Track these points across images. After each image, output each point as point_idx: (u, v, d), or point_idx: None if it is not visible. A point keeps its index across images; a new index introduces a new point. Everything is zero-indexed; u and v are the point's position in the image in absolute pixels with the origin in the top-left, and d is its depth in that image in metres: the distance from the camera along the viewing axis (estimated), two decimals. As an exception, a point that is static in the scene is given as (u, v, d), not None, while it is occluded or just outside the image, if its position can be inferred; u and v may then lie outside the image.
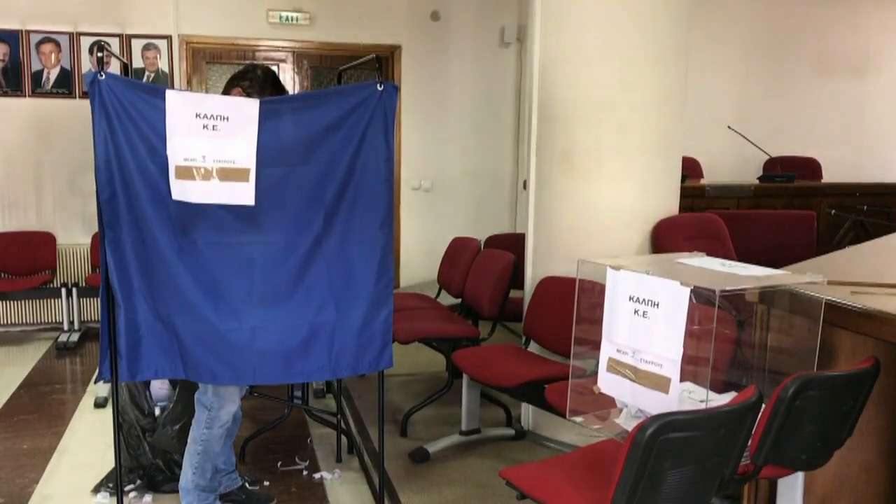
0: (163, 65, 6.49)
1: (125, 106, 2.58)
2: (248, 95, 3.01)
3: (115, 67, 5.64)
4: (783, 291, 2.38)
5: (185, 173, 2.58)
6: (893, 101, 7.75)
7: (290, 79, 6.92)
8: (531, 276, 4.14)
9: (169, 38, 6.49)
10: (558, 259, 3.92)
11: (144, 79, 6.42)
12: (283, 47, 6.86)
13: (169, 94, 2.59)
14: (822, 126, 7.56)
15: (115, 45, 6.30)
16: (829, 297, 2.31)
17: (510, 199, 7.44)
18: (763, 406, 2.05)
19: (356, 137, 2.79)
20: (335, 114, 2.77)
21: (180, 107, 2.58)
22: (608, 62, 3.79)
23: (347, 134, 2.78)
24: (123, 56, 6.26)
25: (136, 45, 6.43)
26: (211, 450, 3.06)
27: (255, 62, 6.64)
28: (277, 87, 3.09)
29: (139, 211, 2.61)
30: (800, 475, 2.41)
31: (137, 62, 6.42)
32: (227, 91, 3.04)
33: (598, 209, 3.86)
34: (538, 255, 4.11)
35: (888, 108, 7.74)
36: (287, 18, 6.72)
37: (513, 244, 4.75)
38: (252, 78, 3.07)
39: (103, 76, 2.54)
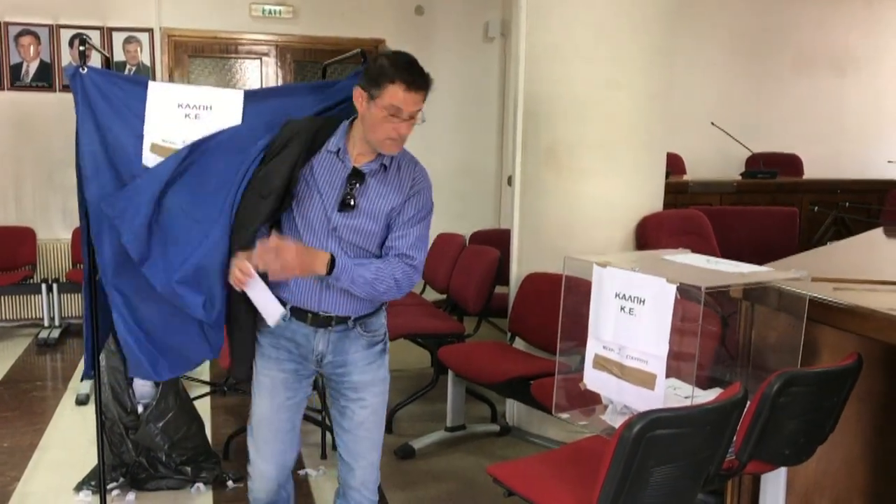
0: (144, 58, 6.43)
1: (109, 98, 2.56)
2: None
3: (95, 61, 5.58)
4: (767, 288, 2.39)
5: (162, 152, 2.55)
6: (872, 98, 7.81)
7: (273, 73, 6.88)
8: (516, 273, 4.14)
9: (150, 31, 6.44)
10: (544, 255, 3.92)
11: (126, 72, 6.35)
12: (266, 41, 6.82)
13: (152, 85, 2.58)
14: (803, 122, 7.61)
15: (95, 38, 6.24)
16: (812, 294, 2.33)
17: (495, 195, 7.44)
18: (748, 402, 2.06)
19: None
20: (320, 106, 2.75)
21: (162, 96, 2.57)
22: (593, 58, 3.80)
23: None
24: (104, 49, 6.19)
25: (118, 38, 6.37)
26: None
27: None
28: None
29: None
30: (783, 470, 2.43)
31: (119, 56, 6.36)
32: None
33: (584, 205, 3.86)
34: (523, 252, 4.12)
35: (867, 105, 7.80)
36: (270, 12, 6.68)
37: (498, 240, 4.75)
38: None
39: (85, 70, 2.52)
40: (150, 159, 2.57)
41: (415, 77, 2.18)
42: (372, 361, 2.43)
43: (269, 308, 2.30)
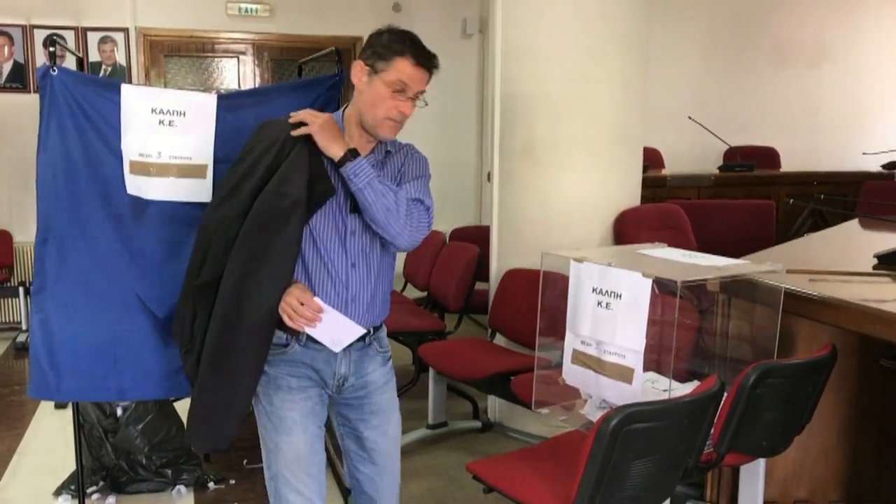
0: (120, 58, 6.38)
1: (79, 101, 2.52)
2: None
3: (70, 62, 5.53)
4: (744, 281, 2.41)
5: (140, 169, 2.53)
6: (848, 91, 7.88)
7: (250, 71, 6.84)
8: (496, 269, 4.15)
9: (126, 30, 6.37)
10: (523, 251, 3.93)
11: (101, 73, 6.30)
12: (242, 39, 6.78)
13: (124, 88, 2.54)
14: (780, 115, 7.67)
15: (70, 38, 6.17)
16: (788, 286, 2.35)
17: (475, 192, 7.44)
18: (725, 394, 2.08)
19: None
20: (296, 108, 2.73)
21: (136, 101, 2.54)
22: (569, 54, 3.80)
23: (309, 128, 2.74)
24: (79, 50, 6.13)
25: (93, 38, 6.30)
26: None
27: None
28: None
29: (87, 211, 2.53)
30: (761, 461, 2.45)
31: (94, 56, 6.30)
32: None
33: (562, 201, 3.87)
34: (503, 248, 4.12)
35: (843, 98, 7.87)
36: (247, 10, 6.64)
37: (478, 237, 4.76)
38: None
39: (55, 71, 2.49)
40: (132, 183, 2.55)
41: (425, 53, 2.10)
42: (388, 381, 2.30)
43: (346, 334, 2.11)
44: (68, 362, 2.57)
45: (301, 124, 2.08)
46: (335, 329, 2.09)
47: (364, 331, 2.12)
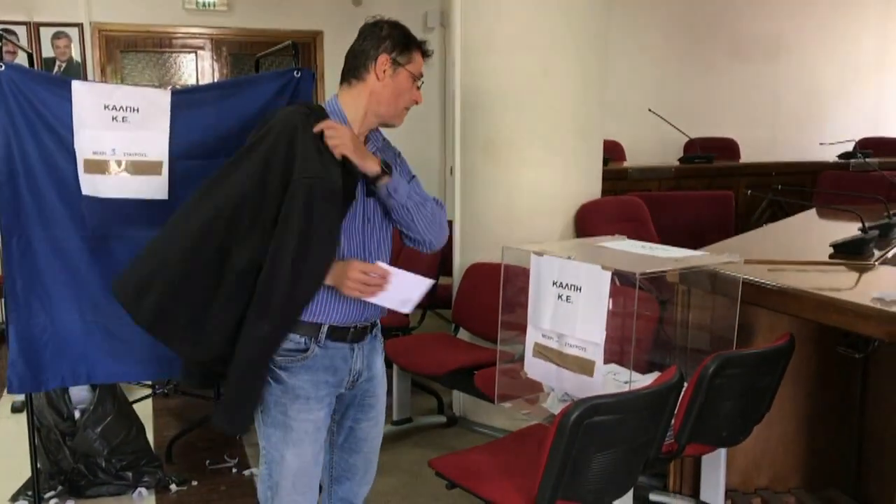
0: (75, 54, 6.25)
1: (29, 99, 2.49)
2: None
3: (22, 58, 5.40)
4: (702, 272, 2.43)
5: (95, 167, 2.50)
6: (805, 83, 8.00)
7: (208, 66, 6.75)
8: (459, 263, 4.14)
9: (80, 25, 6.24)
10: (485, 245, 3.92)
11: (55, 69, 6.16)
12: (200, 34, 6.68)
13: (75, 84, 2.51)
14: (739, 107, 7.76)
15: (22, 33, 6.03)
16: (746, 276, 2.37)
17: (438, 186, 7.42)
18: (685, 385, 2.09)
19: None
20: (253, 103, 2.70)
21: (88, 98, 2.50)
22: (528, 48, 3.80)
23: (266, 123, 2.71)
24: (31, 45, 5.99)
25: (46, 33, 6.16)
26: None
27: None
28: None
29: (45, 209, 2.52)
30: (722, 451, 2.48)
31: (48, 51, 6.16)
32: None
33: (523, 195, 3.87)
34: (465, 242, 4.11)
35: (800, 89, 7.99)
36: (204, 4, 6.54)
37: (441, 231, 4.74)
38: None
39: (3, 67, 2.44)
40: (87, 183, 2.52)
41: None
42: (383, 372, 2.29)
43: (414, 291, 2.09)
44: (45, 356, 2.62)
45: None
46: (402, 289, 2.08)
47: (432, 282, 2.11)
